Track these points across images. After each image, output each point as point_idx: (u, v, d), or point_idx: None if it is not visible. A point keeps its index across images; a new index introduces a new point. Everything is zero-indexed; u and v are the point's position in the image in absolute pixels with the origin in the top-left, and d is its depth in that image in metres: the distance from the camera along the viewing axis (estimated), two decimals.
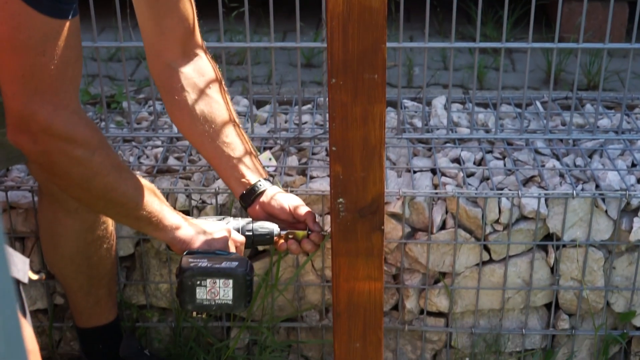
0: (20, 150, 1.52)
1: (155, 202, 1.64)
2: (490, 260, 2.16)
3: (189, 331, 2.26)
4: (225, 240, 1.70)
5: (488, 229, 2.10)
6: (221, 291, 1.65)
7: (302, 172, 2.22)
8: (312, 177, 2.18)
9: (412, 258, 2.14)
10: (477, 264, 2.15)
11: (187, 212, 2.09)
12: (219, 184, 2.14)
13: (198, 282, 1.64)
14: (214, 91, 1.82)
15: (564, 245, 2.13)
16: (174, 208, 2.06)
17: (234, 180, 1.81)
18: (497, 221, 2.10)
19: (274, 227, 1.79)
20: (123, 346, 2.10)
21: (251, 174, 1.81)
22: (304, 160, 2.27)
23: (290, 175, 2.20)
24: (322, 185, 2.12)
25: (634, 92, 2.71)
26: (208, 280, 1.64)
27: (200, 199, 2.13)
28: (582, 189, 2.12)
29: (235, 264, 1.66)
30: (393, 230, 2.10)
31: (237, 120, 1.85)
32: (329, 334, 2.23)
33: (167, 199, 2.09)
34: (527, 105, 2.55)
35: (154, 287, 2.24)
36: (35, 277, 1.00)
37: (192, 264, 1.65)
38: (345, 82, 1.40)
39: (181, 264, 1.66)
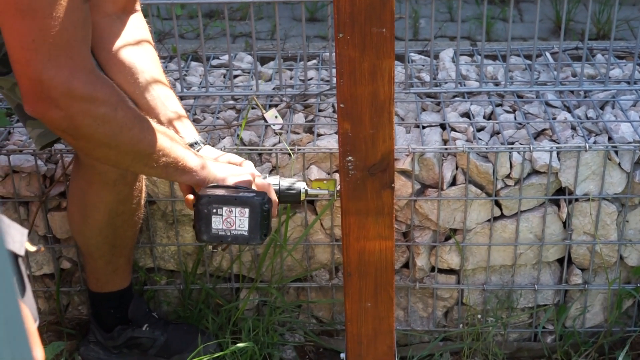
0: (40, 119, 1.49)
1: (178, 146, 1.63)
2: (502, 216, 2.13)
3: (198, 293, 2.24)
4: (248, 181, 1.69)
5: (499, 184, 2.07)
6: (237, 221, 1.64)
7: (309, 130, 2.18)
8: (319, 135, 2.14)
9: (422, 215, 2.11)
10: (489, 220, 2.12)
11: None
12: (225, 143, 2.10)
13: (214, 211, 1.63)
14: (149, 45, 1.81)
15: (576, 200, 2.09)
16: None
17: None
18: (508, 176, 2.06)
19: (301, 185, 1.78)
20: (132, 308, 2.09)
21: (186, 131, 1.78)
22: (310, 117, 2.23)
23: (297, 133, 2.17)
24: (329, 142, 2.08)
25: None
26: (224, 209, 1.63)
27: None
28: (595, 142, 2.08)
29: (252, 194, 1.65)
30: (403, 187, 2.07)
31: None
32: (339, 293, 2.21)
33: None
34: (536, 57, 2.50)
35: (161, 249, 2.21)
36: (33, 248, 0.97)
37: (209, 192, 1.64)
38: (352, 37, 1.36)
39: (199, 193, 1.65)
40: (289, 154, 2.06)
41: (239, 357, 2.09)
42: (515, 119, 2.19)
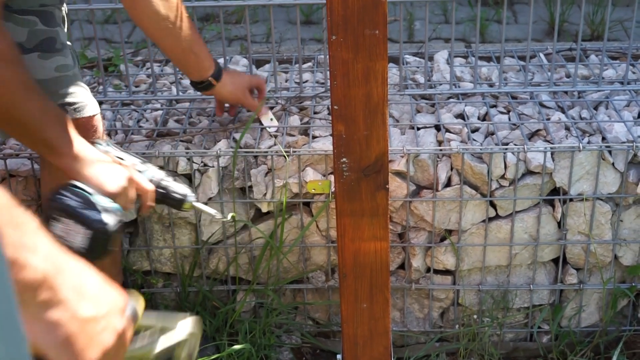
0: None
1: (59, 128, 1.58)
2: (497, 216, 2.14)
3: (195, 296, 2.24)
4: (119, 186, 1.61)
5: (494, 185, 2.07)
6: (73, 234, 1.55)
7: (305, 132, 2.19)
8: (314, 137, 2.15)
9: (417, 216, 2.12)
10: (484, 221, 2.12)
11: (188, 176, 2.07)
12: (220, 146, 2.11)
13: (55, 216, 1.55)
14: None
15: (570, 199, 2.10)
16: (175, 172, 2.05)
17: (194, 69, 2.04)
18: (502, 176, 2.07)
19: (187, 192, 1.74)
20: None
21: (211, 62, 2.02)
22: (305, 119, 2.24)
23: (293, 135, 2.17)
24: (324, 144, 2.09)
25: (638, 41, 2.66)
26: (64, 219, 1.55)
27: (201, 162, 2.10)
28: (589, 142, 2.09)
29: (98, 217, 1.55)
30: (398, 188, 2.07)
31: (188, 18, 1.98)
32: (335, 295, 2.22)
33: (168, 163, 2.07)
34: (530, 58, 2.51)
35: (157, 252, 2.22)
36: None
37: (63, 196, 1.56)
38: (345, 39, 1.37)
39: (57, 190, 1.57)
40: (284, 156, 2.07)
41: (235, 359, 2.10)
42: (509, 119, 2.20)
